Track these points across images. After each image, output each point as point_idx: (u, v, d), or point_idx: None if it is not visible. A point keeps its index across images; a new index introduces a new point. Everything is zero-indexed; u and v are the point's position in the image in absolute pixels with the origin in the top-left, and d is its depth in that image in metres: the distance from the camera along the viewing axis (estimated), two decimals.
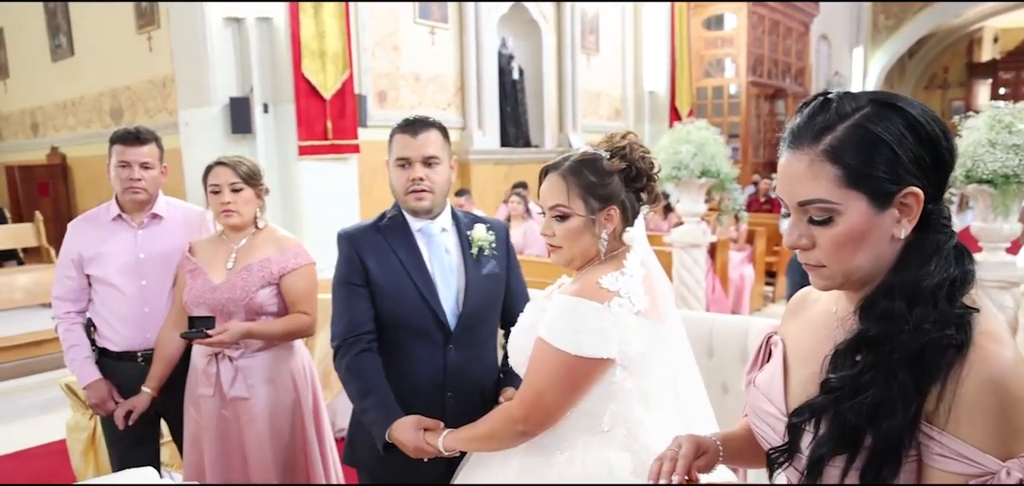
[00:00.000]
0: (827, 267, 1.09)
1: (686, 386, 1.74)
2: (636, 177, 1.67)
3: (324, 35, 6.38)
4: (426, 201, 2.07)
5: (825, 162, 1.04)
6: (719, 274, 6.35)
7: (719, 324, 2.48)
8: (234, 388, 2.53)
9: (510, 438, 1.69)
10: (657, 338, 1.63)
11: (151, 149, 2.70)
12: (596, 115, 11.67)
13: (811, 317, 1.26)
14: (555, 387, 1.59)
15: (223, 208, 2.51)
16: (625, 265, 1.61)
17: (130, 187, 2.66)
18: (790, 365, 1.23)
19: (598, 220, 1.65)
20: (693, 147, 4.98)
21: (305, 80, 6.28)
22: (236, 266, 2.53)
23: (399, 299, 2.06)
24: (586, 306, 1.57)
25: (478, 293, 2.10)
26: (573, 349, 1.55)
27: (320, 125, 6.39)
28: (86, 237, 2.72)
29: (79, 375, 2.73)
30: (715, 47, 14.62)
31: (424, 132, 2.06)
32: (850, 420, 1.03)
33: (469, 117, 9.37)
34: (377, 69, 8.28)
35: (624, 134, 1.69)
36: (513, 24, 10.07)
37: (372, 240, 2.11)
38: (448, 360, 2.07)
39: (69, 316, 2.73)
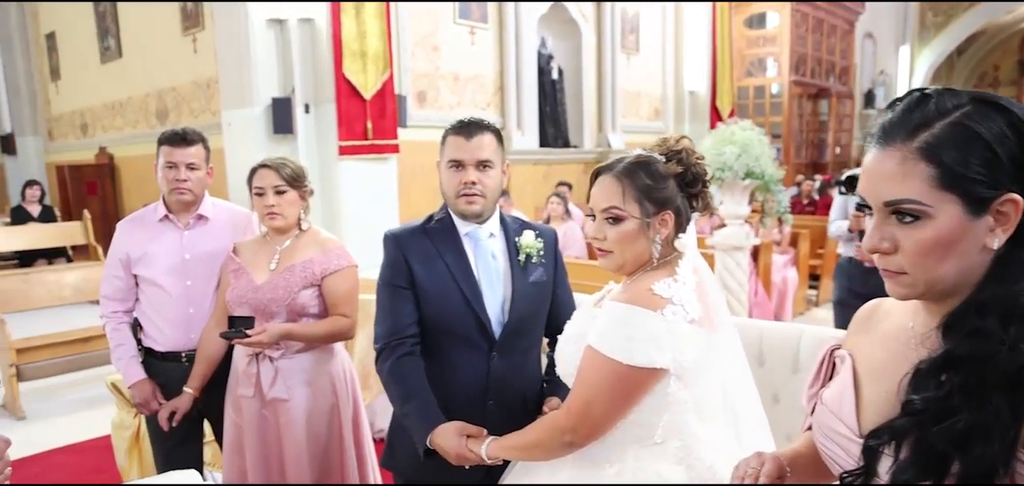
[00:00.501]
0: (909, 274, 1.02)
1: (741, 397, 1.67)
2: (691, 182, 1.63)
3: (365, 35, 6.41)
4: (477, 205, 2.04)
5: (919, 160, 0.97)
6: (762, 277, 6.23)
7: (769, 331, 2.41)
8: (274, 389, 2.53)
9: (557, 448, 1.65)
10: (711, 347, 1.57)
11: (197, 150, 2.71)
12: (636, 115, 11.58)
13: (884, 332, 1.18)
14: (605, 397, 1.55)
15: (267, 210, 2.52)
16: (677, 272, 1.56)
17: (176, 188, 2.68)
18: (861, 382, 1.15)
19: (653, 224, 1.60)
20: (737, 148, 4.89)
21: (346, 80, 6.32)
22: (279, 267, 2.53)
23: (444, 304, 2.03)
24: (639, 314, 1.52)
25: (524, 301, 2.06)
26: (624, 358, 1.50)
27: (360, 125, 6.42)
28: (134, 237, 2.74)
29: (124, 374, 2.75)
30: (757, 46, 14.43)
31: (478, 135, 2.03)
32: (936, 446, 0.95)
33: (508, 117, 9.35)
34: (417, 69, 8.31)
35: (678, 138, 1.65)
36: (553, 24, 10.03)
37: (419, 242, 2.08)
38: (491, 367, 2.04)
39: (116, 315, 2.76)
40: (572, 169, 10.13)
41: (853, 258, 4.06)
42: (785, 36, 13.97)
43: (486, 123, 2.07)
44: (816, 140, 15.99)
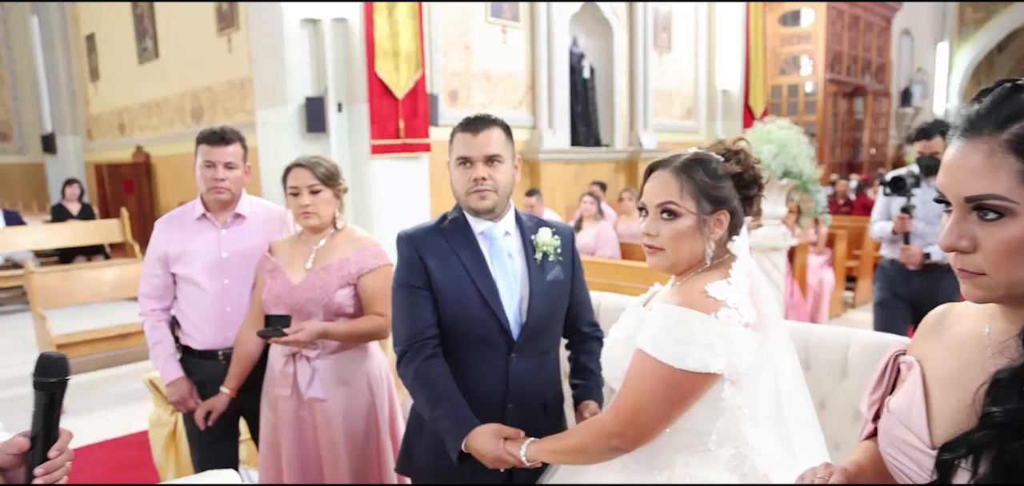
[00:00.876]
0: (988, 276, 0.97)
1: (793, 402, 1.62)
2: (748, 184, 1.60)
3: (397, 35, 6.44)
4: (489, 201, 1.98)
5: (1007, 154, 0.92)
6: (798, 279, 6.14)
7: (816, 335, 2.34)
8: (311, 389, 2.52)
9: (603, 453, 1.61)
10: (764, 351, 1.53)
11: (235, 149, 2.72)
12: (668, 114, 11.49)
13: (955, 338, 1.12)
14: (655, 402, 1.51)
15: (302, 210, 2.51)
16: (731, 275, 1.53)
17: (214, 187, 2.69)
18: (931, 391, 1.10)
19: (709, 223, 1.56)
20: (774, 147, 4.80)
21: (378, 80, 6.35)
22: (315, 266, 2.52)
23: (461, 305, 1.97)
24: (692, 316, 1.48)
25: (542, 301, 2.01)
26: (677, 362, 1.46)
27: (392, 124, 6.45)
28: (172, 236, 2.76)
29: (162, 372, 2.77)
30: (791, 44, 14.24)
31: (486, 130, 1.96)
32: (1019, 461, 0.91)
33: (539, 116, 9.33)
34: (449, 68, 8.32)
35: (736, 139, 1.63)
36: (585, 22, 9.98)
37: (433, 242, 2.03)
38: (510, 370, 1.98)
39: (155, 313, 2.79)
40: (603, 168, 10.07)
41: (895, 260, 3.98)
42: (820, 33, 13.77)
43: (493, 118, 2.01)
44: (851, 139, 15.74)
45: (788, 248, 5.40)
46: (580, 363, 2.17)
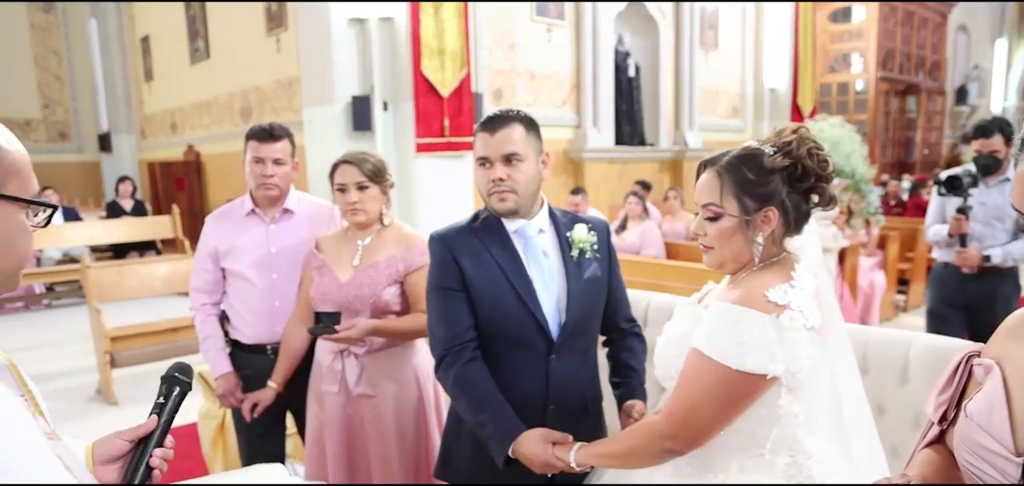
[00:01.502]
0: None
1: (852, 408, 1.56)
2: (802, 176, 1.50)
3: (443, 34, 6.46)
4: (508, 202, 1.92)
5: None
6: (847, 280, 5.99)
7: (876, 338, 2.26)
8: (359, 386, 2.53)
9: (655, 455, 1.56)
10: (825, 357, 1.48)
11: (284, 145, 2.74)
12: (714, 113, 11.35)
13: None
14: (711, 403, 1.45)
15: (350, 207, 2.49)
16: (794, 276, 1.46)
17: (263, 183, 2.72)
18: (1013, 395, 1.06)
19: (753, 222, 1.50)
20: (826, 145, 4.70)
21: (424, 78, 6.38)
22: (363, 263, 2.52)
23: (498, 306, 1.93)
24: (751, 317, 1.43)
25: (581, 299, 1.95)
26: (734, 363, 1.41)
27: (437, 123, 6.47)
28: (222, 231, 2.80)
29: (211, 366, 2.81)
30: (841, 41, 13.96)
31: (503, 129, 1.89)
32: None
33: (584, 115, 9.29)
34: (494, 67, 8.33)
35: (794, 128, 1.54)
36: (630, 21, 9.91)
37: (467, 242, 1.98)
38: (550, 371, 1.94)
39: (205, 308, 2.83)
40: (648, 167, 9.98)
41: (949, 264, 3.82)
42: (872, 30, 13.48)
43: (513, 114, 1.93)
44: (903, 139, 15.36)
45: (838, 249, 5.28)
46: (620, 360, 2.11)
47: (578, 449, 1.70)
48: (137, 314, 6.10)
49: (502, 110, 1.96)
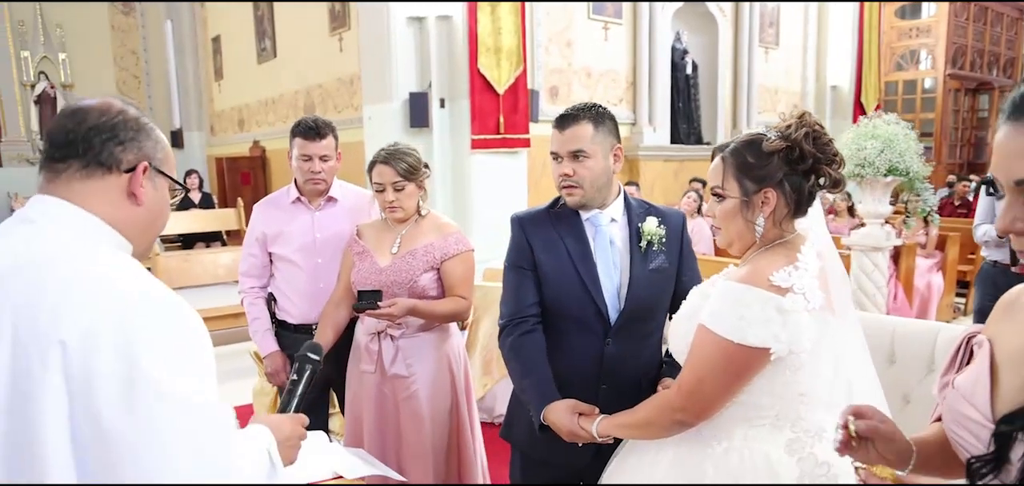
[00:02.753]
0: None
1: (861, 388, 1.61)
2: (800, 158, 1.56)
3: (500, 32, 6.56)
4: (575, 196, 2.05)
5: None
6: (903, 281, 5.87)
7: (902, 329, 2.29)
8: (395, 366, 2.64)
9: (667, 426, 1.65)
10: (830, 336, 1.54)
11: (329, 142, 2.89)
12: (772, 111, 11.19)
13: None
14: (716, 375, 1.54)
15: (388, 206, 2.62)
16: (799, 258, 1.52)
17: (311, 179, 2.88)
18: (998, 368, 1.11)
19: (753, 203, 1.59)
20: (880, 143, 4.63)
21: (480, 76, 6.49)
22: (401, 251, 2.63)
23: (562, 287, 2.06)
24: (752, 294, 1.50)
25: (642, 287, 2.04)
26: (735, 336, 1.49)
27: (493, 119, 6.58)
28: (269, 218, 2.96)
29: (260, 345, 2.98)
30: (909, 38, 13.59)
31: (571, 126, 2.02)
32: None
33: (640, 113, 9.28)
34: (550, 65, 8.40)
35: (800, 113, 1.60)
36: (689, 18, 9.85)
37: (542, 226, 2.12)
38: (605, 352, 2.04)
39: (253, 290, 2.99)
40: (703, 166, 9.87)
41: (998, 262, 3.77)
42: (942, 27, 13.08)
43: (584, 110, 2.04)
44: (973, 138, 14.86)
45: (891, 248, 5.19)
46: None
47: (601, 421, 1.80)
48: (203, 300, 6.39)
49: (576, 106, 2.07)
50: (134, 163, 1.26)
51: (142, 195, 1.27)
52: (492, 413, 4.50)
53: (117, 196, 1.25)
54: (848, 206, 7.58)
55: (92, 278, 1.11)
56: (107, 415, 1.04)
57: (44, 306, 1.07)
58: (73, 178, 1.23)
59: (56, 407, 1.04)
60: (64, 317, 1.06)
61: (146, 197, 1.28)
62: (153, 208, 1.31)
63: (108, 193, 1.24)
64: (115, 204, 1.25)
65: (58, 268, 1.12)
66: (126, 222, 1.26)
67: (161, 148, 1.32)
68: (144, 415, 1.05)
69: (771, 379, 1.53)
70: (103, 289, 1.10)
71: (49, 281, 1.10)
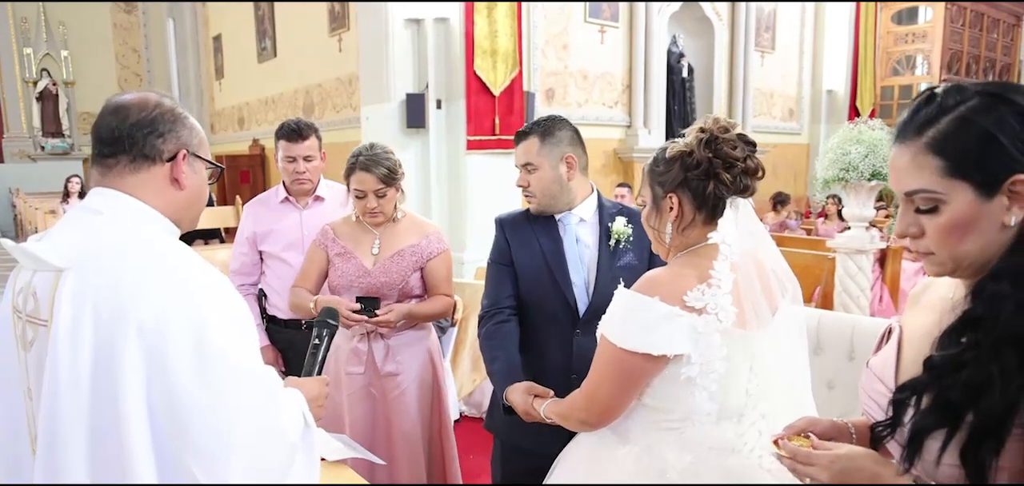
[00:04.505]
0: (936, 254, 1.12)
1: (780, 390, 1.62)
2: (696, 165, 1.56)
3: (496, 34, 6.63)
4: (532, 203, 2.23)
5: (928, 154, 1.08)
6: (889, 284, 5.94)
7: (826, 321, 2.45)
8: (387, 364, 2.67)
9: (576, 425, 1.73)
10: (744, 349, 1.55)
11: (312, 142, 2.97)
12: (768, 115, 11.28)
13: (929, 302, 1.27)
14: (611, 381, 1.57)
15: (369, 211, 2.61)
16: (712, 275, 1.51)
17: (297, 179, 2.98)
18: (904, 348, 1.25)
19: (661, 209, 1.63)
20: (864, 148, 4.73)
21: (476, 77, 6.56)
22: (384, 252, 2.65)
23: (535, 281, 2.22)
24: (639, 301, 1.52)
25: (610, 284, 2.07)
26: (620, 342, 1.52)
27: (489, 121, 6.65)
28: (259, 218, 3.06)
29: None
30: (905, 43, 13.64)
31: (521, 142, 2.22)
32: (951, 397, 1.05)
33: (635, 115, 9.36)
34: (546, 67, 8.48)
35: (714, 118, 1.61)
36: (685, 21, 9.93)
37: (520, 226, 2.29)
38: (575, 345, 2.17)
39: (243, 288, 3.06)
40: None
41: None
42: (938, 32, 13.12)
43: (534, 127, 2.22)
44: None
45: (875, 251, 5.28)
46: None
47: (547, 404, 1.88)
48: None
49: (528, 124, 2.25)
50: (174, 152, 1.38)
51: (184, 180, 1.40)
52: (481, 408, 4.57)
53: (162, 184, 1.38)
54: (838, 210, 7.67)
55: (163, 266, 1.26)
56: (182, 383, 1.18)
57: (123, 290, 1.20)
58: (124, 172, 1.36)
59: (135, 379, 1.18)
60: (141, 301, 1.20)
61: (187, 181, 1.41)
62: (194, 190, 1.44)
63: (154, 181, 1.37)
64: (161, 191, 1.38)
65: (131, 256, 1.26)
66: (172, 206, 1.40)
67: (196, 135, 1.45)
68: (214, 381, 1.20)
69: (674, 383, 1.54)
70: (173, 276, 1.25)
71: (125, 268, 1.23)
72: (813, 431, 1.31)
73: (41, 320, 1.26)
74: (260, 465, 1.24)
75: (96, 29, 14.84)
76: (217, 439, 1.19)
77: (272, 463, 1.27)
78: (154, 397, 1.18)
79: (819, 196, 6.47)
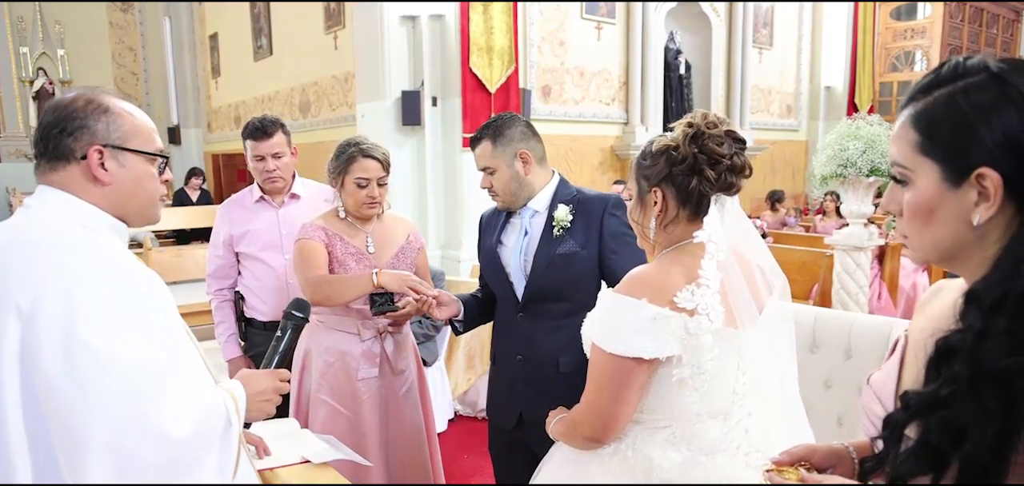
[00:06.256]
0: (909, 237, 1.04)
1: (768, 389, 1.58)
2: (681, 160, 1.51)
3: (492, 31, 6.61)
4: (497, 201, 2.34)
5: (909, 126, 1.00)
6: (888, 281, 5.91)
7: (823, 318, 2.42)
8: (398, 362, 2.65)
9: (580, 444, 1.64)
10: (733, 349, 1.51)
11: (279, 139, 2.90)
12: (766, 112, 11.24)
13: (935, 310, 1.11)
14: (609, 389, 1.50)
15: (369, 200, 2.52)
16: (701, 274, 1.46)
17: (268, 177, 2.92)
18: (906, 364, 1.12)
19: (645, 203, 1.58)
20: (862, 143, 4.70)
21: (472, 74, 6.54)
22: (381, 250, 2.61)
23: (489, 268, 2.41)
24: (627, 304, 1.47)
25: (546, 269, 2.24)
26: (607, 346, 1.47)
27: (484, 118, 6.56)
28: (234, 218, 2.99)
29: (223, 350, 2.99)
30: (904, 39, 13.60)
31: (477, 147, 2.30)
32: (931, 441, 0.92)
33: (632, 112, 9.32)
34: (542, 64, 8.44)
35: (703, 113, 1.56)
36: (682, 18, 9.88)
37: (493, 221, 2.44)
38: (519, 325, 2.30)
39: (221, 293, 3.02)
40: None
41: None
42: (937, 28, 13.07)
43: (485, 130, 2.30)
44: None
45: (874, 248, 5.24)
46: None
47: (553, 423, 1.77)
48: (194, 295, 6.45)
49: (481, 128, 2.33)
50: (85, 149, 1.33)
51: (106, 176, 1.34)
52: (475, 407, 4.55)
53: (82, 181, 1.34)
54: (836, 206, 7.63)
55: (51, 253, 1.23)
56: (49, 372, 1.15)
57: (12, 275, 1.19)
58: (46, 172, 1.34)
59: (11, 365, 1.16)
60: (22, 284, 1.18)
61: (114, 177, 1.35)
62: (126, 184, 1.38)
63: (73, 180, 1.33)
64: (83, 189, 1.34)
65: (27, 240, 1.24)
66: (102, 202, 1.35)
67: (119, 125, 1.38)
68: (77, 372, 1.15)
69: (664, 383, 1.50)
70: (55, 261, 1.21)
71: (18, 252, 1.22)
72: (811, 459, 1.23)
73: None
74: (127, 463, 1.17)
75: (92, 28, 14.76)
76: (78, 434, 1.15)
77: (145, 462, 1.19)
78: (29, 385, 1.16)
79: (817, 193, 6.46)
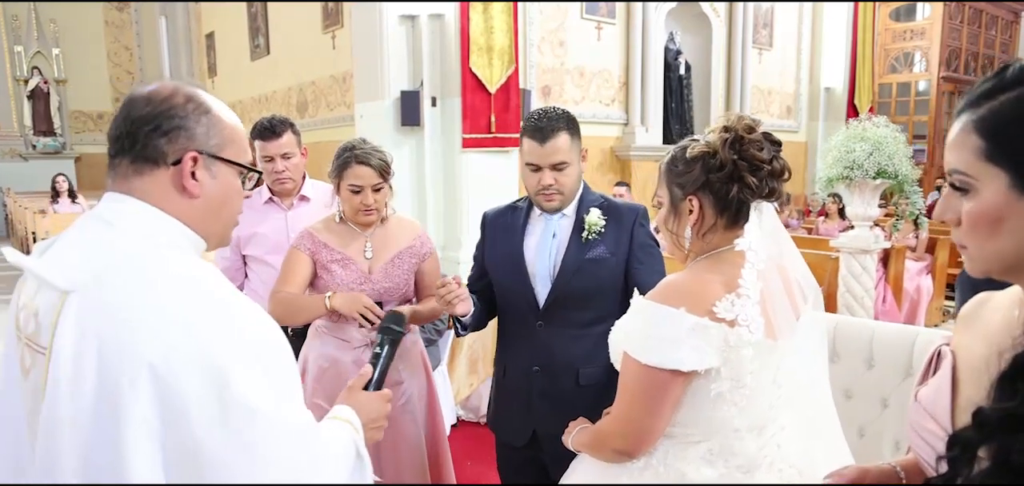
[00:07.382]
0: (968, 248, 0.99)
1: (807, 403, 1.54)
2: (719, 165, 1.45)
3: (492, 31, 6.55)
4: (555, 202, 2.13)
5: (971, 131, 0.95)
6: (892, 284, 5.87)
7: (844, 326, 2.34)
8: (393, 374, 2.48)
9: (608, 456, 1.57)
10: (771, 362, 1.45)
11: (288, 139, 2.84)
12: (766, 113, 11.20)
13: (988, 325, 1.07)
14: (642, 401, 1.44)
15: (364, 208, 2.41)
16: (741, 284, 1.40)
17: (277, 178, 2.85)
18: (960, 380, 1.06)
19: (679, 210, 1.51)
20: (869, 145, 4.64)
21: (472, 74, 6.47)
22: (378, 256, 2.48)
23: (501, 272, 2.24)
24: (664, 313, 1.40)
25: (574, 275, 2.10)
26: (643, 358, 1.41)
27: (484, 118, 6.56)
28: (242, 220, 2.89)
29: None
30: (903, 40, 13.60)
31: (552, 139, 2.06)
32: (1013, 460, 0.85)
33: (632, 113, 9.28)
34: (542, 64, 8.40)
35: (738, 117, 1.49)
36: (682, 18, 9.85)
37: (500, 219, 2.29)
38: (537, 335, 2.14)
39: None
40: None
41: None
42: (936, 29, 13.08)
43: (560, 122, 2.08)
44: None
45: (880, 251, 5.20)
46: None
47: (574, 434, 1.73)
48: None
49: (548, 116, 2.11)
50: (180, 154, 1.17)
51: (195, 187, 1.18)
52: (478, 412, 4.50)
53: (168, 191, 1.17)
54: (838, 208, 7.59)
55: (176, 294, 1.07)
56: (201, 435, 1.02)
57: (131, 323, 1.04)
58: (128, 174, 1.17)
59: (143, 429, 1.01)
60: (151, 337, 1.03)
61: (203, 189, 1.19)
62: (214, 199, 1.21)
63: (159, 188, 1.17)
64: (168, 199, 1.17)
65: (140, 280, 1.07)
66: (186, 217, 1.19)
67: (220, 130, 1.21)
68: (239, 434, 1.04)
69: (701, 395, 1.44)
70: (188, 307, 1.06)
71: (134, 295, 1.06)
72: (863, 483, 1.18)
73: (40, 346, 1.09)
74: None
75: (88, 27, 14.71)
76: None
77: None
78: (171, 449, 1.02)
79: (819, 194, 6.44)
